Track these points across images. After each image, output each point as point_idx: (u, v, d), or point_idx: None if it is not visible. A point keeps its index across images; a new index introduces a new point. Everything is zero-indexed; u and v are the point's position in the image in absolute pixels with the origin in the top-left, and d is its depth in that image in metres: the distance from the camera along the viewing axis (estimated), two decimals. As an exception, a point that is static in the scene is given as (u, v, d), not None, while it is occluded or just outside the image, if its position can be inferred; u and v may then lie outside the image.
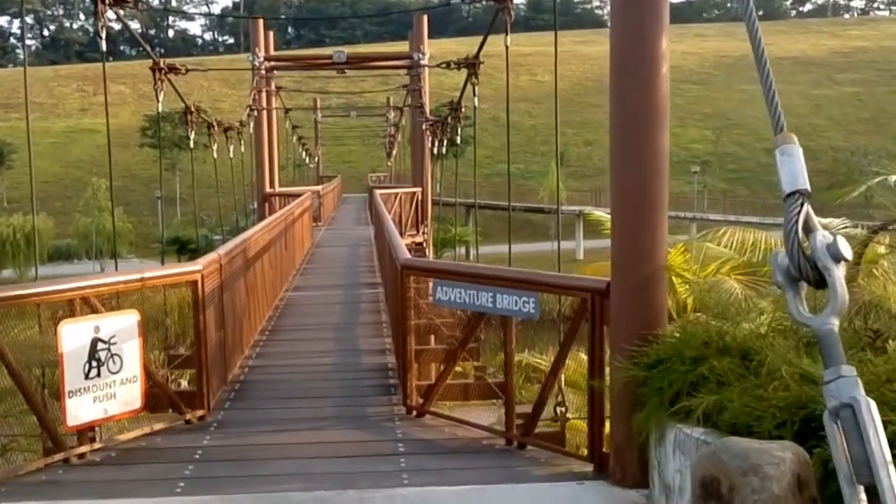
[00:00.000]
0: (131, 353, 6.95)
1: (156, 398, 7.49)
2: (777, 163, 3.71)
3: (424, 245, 27.81)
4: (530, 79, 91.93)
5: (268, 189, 30.07)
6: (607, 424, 6.43)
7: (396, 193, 28.54)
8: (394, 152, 60.59)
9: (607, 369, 6.23)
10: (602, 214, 12.02)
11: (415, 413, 7.95)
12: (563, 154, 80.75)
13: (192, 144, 18.45)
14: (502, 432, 7.17)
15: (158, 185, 50.08)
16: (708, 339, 5.33)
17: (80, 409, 6.63)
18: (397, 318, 8.81)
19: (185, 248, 53.68)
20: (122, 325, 6.90)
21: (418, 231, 28.46)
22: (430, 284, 7.66)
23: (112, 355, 6.84)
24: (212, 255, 8.51)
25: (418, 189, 29.64)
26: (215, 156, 21.06)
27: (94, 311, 6.82)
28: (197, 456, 6.87)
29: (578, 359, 10.44)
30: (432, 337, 9.16)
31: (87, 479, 6.40)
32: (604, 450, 6.41)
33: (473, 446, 7.09)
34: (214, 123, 21.17)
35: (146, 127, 70.15)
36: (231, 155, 24.20)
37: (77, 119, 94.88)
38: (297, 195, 26.40)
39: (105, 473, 6.51)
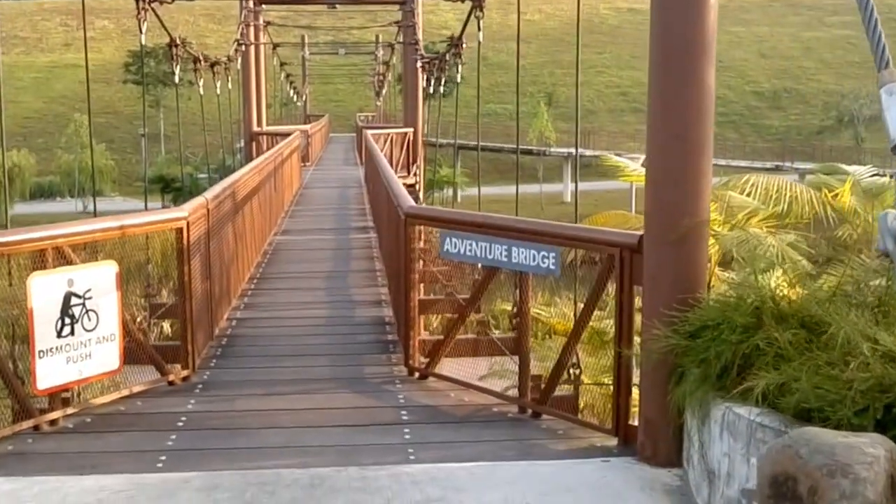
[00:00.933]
0: (109, 309, 6.29)
1: (136, 354, 6.84)
2: (883, 105, 3.02)
3: (416, 187, 27.08)
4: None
5: (255, 128, 29.21)
6: (634, 393, 5.84)
7: (387, 134, 27.71)
8: (383, 91, 59.45)
9: (636, 337, 5.62)
10: (620, 160, 11.39)
11: (417, 375, 7.33)
12: (552, 95, 79.72)
13: (177, 80, 17.53)
14: (515, 399, 6.56)
15: (142, 122, 48.97)
16: (760, 304, 4.69)
17: (51, 371, 5.98)
18: (397, 269, 8.16)
19: (170, 187, 52.71)
20: (99, 278, 6.22)
21: (409, 173, 27.71)
22: (438, 236, 6.98)
23: (87, 311, 6.17)
24: (198, 200, 7.80)
25: (409, 129, 28.82)
26: (201, 92, 20.16)
27: (69, 262, 6.14)
28: (180, 423, 6.25)
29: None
30: (422, 286, 8.49)
31: (57, 449, 5.77)
32: (630, 423, 5.83)
33: (483, 414, 6.48)
34: (200, 58, 20.24)
35: (130, 63, 68.63)
36: (218, 92, 23.29)
37: (60, 54, 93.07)
38: (286, 134, 25.59)
39: (78, 443, 5.88)
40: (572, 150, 55.28)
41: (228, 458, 5.61)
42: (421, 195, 27.35)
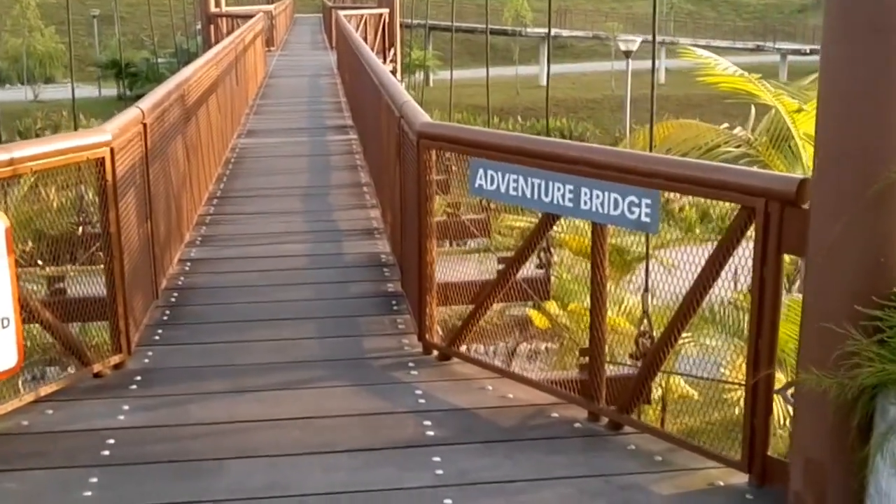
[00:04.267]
0: (-5, 283, 4.26)
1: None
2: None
3: (394, 74, 24.68)
4: None
5: (213, 8, 26.47)
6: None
7: (360, 15, 25.12)
8: (350, -32, 55.97)
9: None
10: (705, 55, 9.22)
11: (436, 354, 5.40)
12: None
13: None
14: (582, 401, 4.65)
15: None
16: None
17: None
18: (401, 204, 6.12)
19: (125, 73, 49.53)
20: (-24, 239, 4.19)
21: (385, 59, 25.24)
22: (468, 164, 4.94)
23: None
24: (128, 115, 5.62)
25: (385, 10, 26.23)
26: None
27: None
28: (106, 452, 4.29)
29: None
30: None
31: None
32: (769, 454, 3.98)
33: (540, 425, 4.58)
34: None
35: (79, -64, 64.02)
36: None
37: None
38: (247, 16, 22.97)
39: (-52, 496, 3.93)
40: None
41: (176, 525, 3.71)
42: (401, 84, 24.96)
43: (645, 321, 5.19)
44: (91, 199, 5.69)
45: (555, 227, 4.89)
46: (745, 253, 3.95)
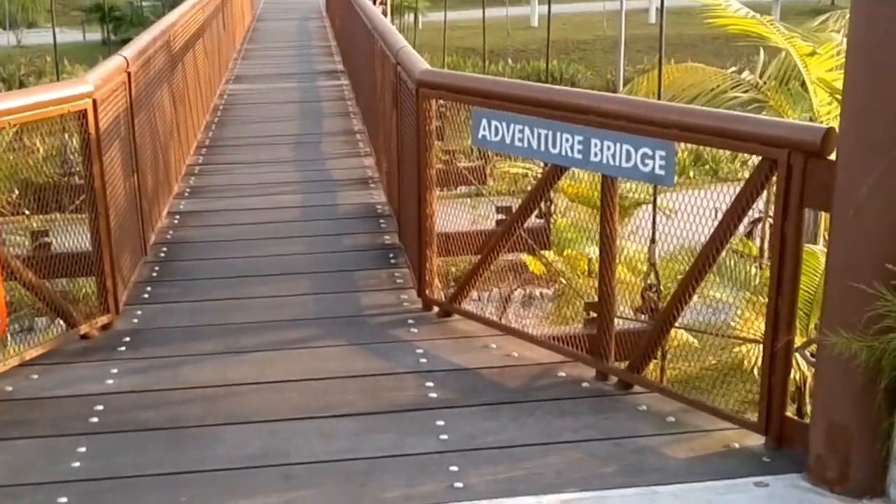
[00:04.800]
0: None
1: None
2: None
3: (385, 14, 24.16)
4: None
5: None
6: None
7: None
8: None
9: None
10: None
11: (436, 310, 5.21)
12: None
13: None
14: (589, 359, 4.48)
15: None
16: None
17: None
18: (398, 154, 5.89)
19: (109, 17, 48.59)
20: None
21: (375, 1, 24.70)
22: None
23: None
24: (111, 64, 5.34)
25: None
26: None
27: None
28: (95, 419, 4.11)
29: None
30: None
31: None
32: (787, 414, 3.82)
33: (547, 385, 4.41)
34: None
35: None
36: None
37: None
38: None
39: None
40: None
41: (170, 490, 3.54)
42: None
43: (652, 274, 5.04)
44: (75, 148, 5.46)
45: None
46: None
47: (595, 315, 4.69)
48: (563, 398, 4.26)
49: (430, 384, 4.39)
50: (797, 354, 3.87)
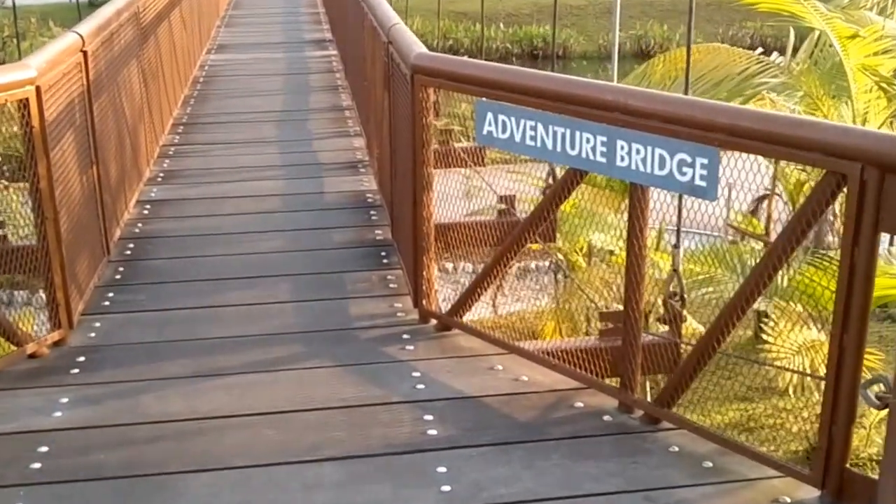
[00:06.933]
0: None
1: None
2: None
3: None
4: None
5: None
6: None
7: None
8: None
9: None
10: None
11: (434, 323, 4.62)
12: None
13: None
14: (615, 392, 3.90)
15: None
16: None
17: None
18: (390, 143, 5.26)
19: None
20: None
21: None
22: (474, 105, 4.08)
23: None
24: (62, 43, 4.66)
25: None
26: None
27: None
28: (37, 465, 3.52)
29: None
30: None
31: None
32: (847, 466, 3.26)
33: (563, 417, 3.85)
34: None
35: None
36: None
37: None
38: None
39: None
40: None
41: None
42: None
43: (674, 281, 4.46)
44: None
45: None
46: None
47: (611, 326, 4.16)
48: (583, 436, 3.70)
49: (429, 417, 3.81)
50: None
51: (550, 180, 4.70)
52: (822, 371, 3.30)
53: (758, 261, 3.61)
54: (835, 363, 3.13)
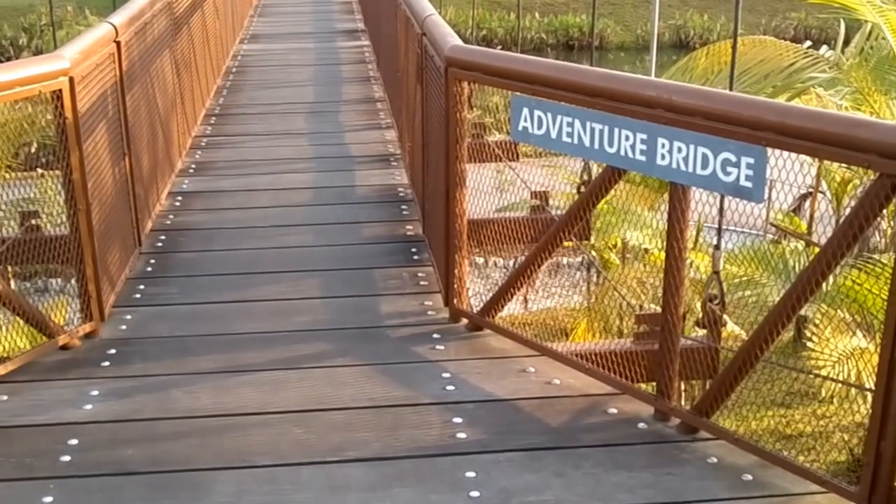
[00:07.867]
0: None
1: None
2: None
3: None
4: None
5: None
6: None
7: None
8: None
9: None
10: None
11: (465, 323, 4.56)
12: None
13: None
14: (648, 397, 3.83)
15: None
16: None
17: None
18: (423, 138, 5.20)
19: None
20: None
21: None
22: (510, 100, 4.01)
23: None
24: (95, 34, 4.65)
25: None
26: None
27: None
28: (66, 458, 3.50)
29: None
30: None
31: None
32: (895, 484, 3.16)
33: (595, 423, 3.77)
34: None
35: None
36: None
37: None
38: None
39: None
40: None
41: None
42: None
43: (714, 283, 4.37)
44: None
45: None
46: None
47: (646, 329, 4.07)
48: (616, 444, 3.62)
49: (459, 420, 3.76)
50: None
51: (585, 175, 4.63)
52: (868, 382, 3.21)
53: (802, 263, 3.52)
54: (884, 375, 3.02)
